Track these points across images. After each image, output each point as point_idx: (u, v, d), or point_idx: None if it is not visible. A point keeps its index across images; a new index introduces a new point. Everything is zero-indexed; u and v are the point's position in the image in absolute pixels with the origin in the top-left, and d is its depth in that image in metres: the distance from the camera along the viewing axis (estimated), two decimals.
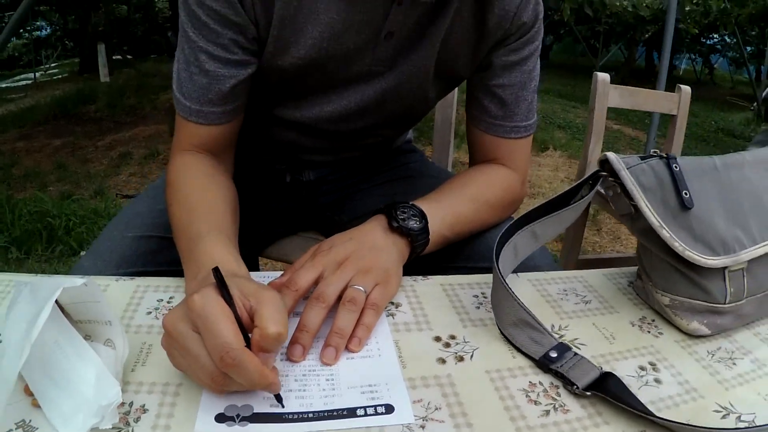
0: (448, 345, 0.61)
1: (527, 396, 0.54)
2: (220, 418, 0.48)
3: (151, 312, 0.63)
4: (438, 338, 0.62)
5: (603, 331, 0.67)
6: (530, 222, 0.70)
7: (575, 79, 10.21)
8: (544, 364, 0.58)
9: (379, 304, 0.63)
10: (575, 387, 0.54)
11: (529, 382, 0.56)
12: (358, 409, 0.50)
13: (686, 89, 1.55)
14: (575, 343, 0.63)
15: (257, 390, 0.50)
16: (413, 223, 0.72)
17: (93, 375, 0.49)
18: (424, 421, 0.50)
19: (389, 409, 0.51)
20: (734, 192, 0.71)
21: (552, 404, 0.54)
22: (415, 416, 0.50)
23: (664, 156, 0.70)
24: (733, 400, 0.58)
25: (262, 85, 0.82)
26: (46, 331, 0.46)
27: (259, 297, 0.51)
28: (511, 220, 0.71)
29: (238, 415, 0.49)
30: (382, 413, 0.50)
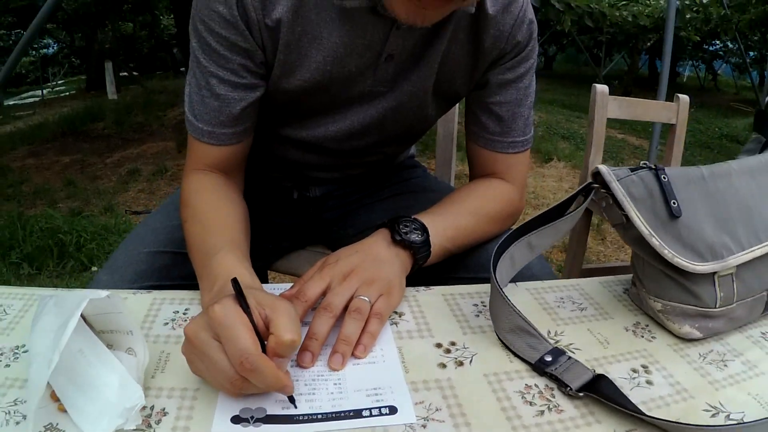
0: (448, 351, 0.64)
1: (523, 397, 0.57)
2: (236, 420, 0.52)
3: (168, 323, 0.67)
4: (439, 344, 0.65)
5: (597, 336, 0.70)
6: (526, 233, 0.73)
7: (579, 89, 10.23)
8: (539, 367, 0.61)
9: (383, 313, 0.66)
10: (569, 388, 0.57)
11: (525, 384, 0.59)
12: (363, 411, 0.54)
13: (684, 98, 1.56)
14: (570, 347, 0.66)
15: (272, 392, 0.54)
16: (415, 237, 0.75)
17: (116, 380, 0.52)
18: (425, 421, 0.53)
19: (393, 410, 0.54)
20: (721, 200, 0.74)
21: (546, 405, 0.57)
22: (416, 417, 0.54)
23: (653, 167, 0.74)
24: (722, 400, 0.60)
25: (269, 106, 0.86)
26: (71, 341, 0.49)
27: (274, 307, 0.55)
28: (510, 231, 0.74)
29: (252, 417, 0.52)
30: (386, 414, 0.54)
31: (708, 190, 0.74)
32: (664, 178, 0.72)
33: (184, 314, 0.69)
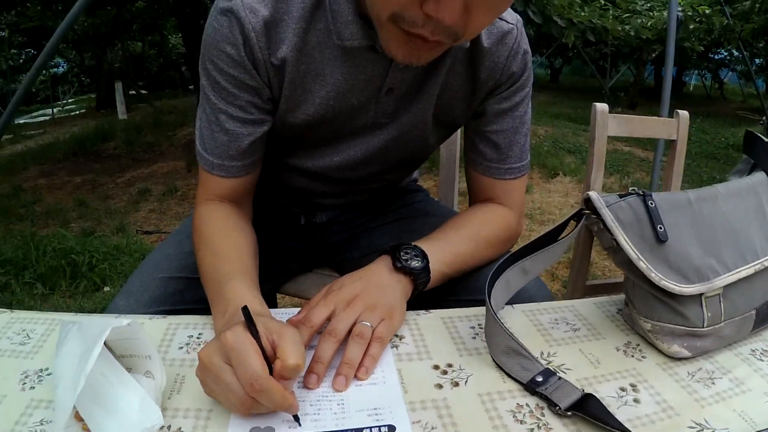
0: (445, 372, 0.68)
1: (514, 416, 0.61)
2: None
3: (183, 347, 0.71)
4: (437, 366, 0.69)
5: (589, 356, 0.73)
6: (521, 258, 0.77)
7: (585, 101, 10.22)
8: (530, 387, 0.64)
9: (384, 337, 0.70)
10: (558, 408, 0.61)
11: (517, 403, 0.63)
12: (364, 429, 0.58)
13: (684, 114, 1.58)
14: (562, 368, 0.70)
15: (279, 412, 0.58)
16: (415, 263, 0.79)
17: (136, 402, 0.57)
18: None
19: (391, 429, 0.58)
20: (708, 224, 0.77)
21: (536, 423, 0.60)
22: None
23: (641, 193, 0.77)
24: (708, 417, 0.62)
25: (276, 138, 0.90)
26: (94, 365, 0.53)
27: (280, 333, 0.59)
28: (506, 256, 0.78)
29: None
30: None
31: (694, 214, 0.77)
32: (651, 203, 0.76)
33: (197, 338, 0.73)
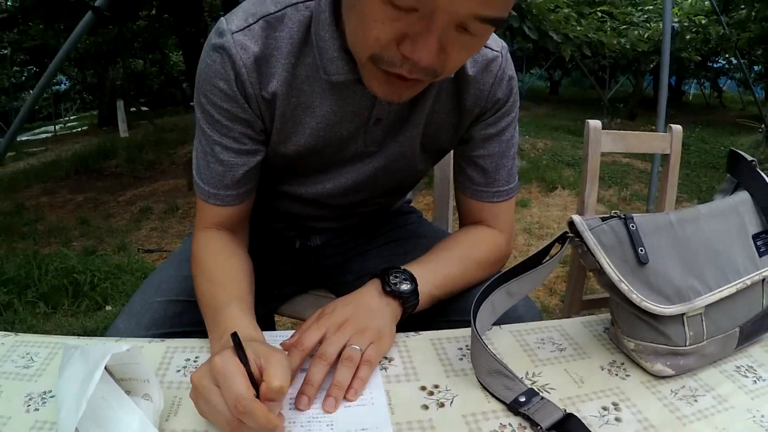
0: (431, 393, 0.70)
1: None
2: None
3: (180, 370, 0.73)
4: (423, 387, 0.71)
5: (573, 375, 0.75)
6: (506, 281, 0.79)
7: (585, 113, 10.23)
8: (513, 407, 0.66)
9: (373, 360, 0.73)
10: (539, 427, 0.63)
11: (500, 423, 0.65)
12: None
13: (677, 128, 1.59)
14: (546, 387, 0.72)
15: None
16: (404, 287, 0.81)
17: (135, 424, 0.59)
18: None
19: None
20: (689, 245, 0.79)
21: None
22: None
23: (622, 216, 0.80)
24: None
25: (270, 167, 0.93)
26: (95, 389, 0.56)
27: (267, 357, 0.62)
28: (492, 279, 0.80)
29: None
30: None
31: (676, 235, 0.79)
32: (632, 226, 0.78)
33: (194, 362, 0.75)
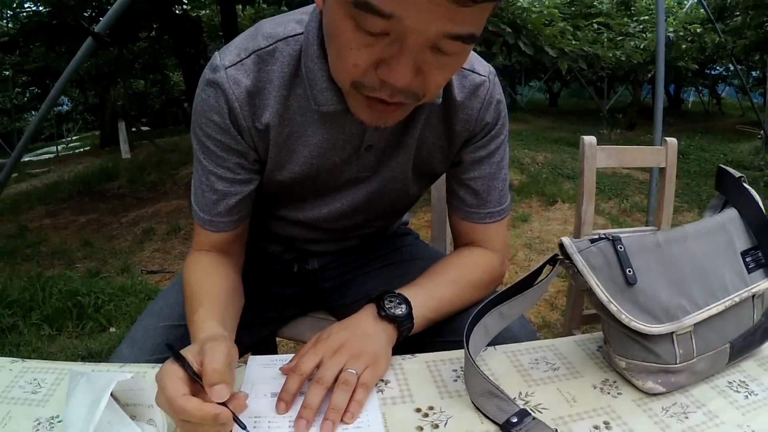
0: (426, 415, 0.72)
1: None
2: None
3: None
4: (418, 409, 0.73)
5: (566, 395, 0.77)
6: (498, 304, 0.81)
7: (584, 124, 10.23)
8: (506, 428, 0.68)
9: (369, 384, 0.74)
10: None
11: None
12: None
13: (672, 141, 1.62)
14: (538, 407, 0.74)
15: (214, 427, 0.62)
16: (399, 311, 0.83)
17: None
18: None
19: None
20: (677, 264, 0.80)
21: None
22: None
23: (610, 238, 0.82)
24: None
25: (266, 194, 0.96)
26: (102, 414, 0.60)
27: (205, 351, 0.66)
28: (484, 302, 0.81)
29: None
30: None
31: (663, 255, 0.81)
32: (620, 248, 0.80)
33: None
